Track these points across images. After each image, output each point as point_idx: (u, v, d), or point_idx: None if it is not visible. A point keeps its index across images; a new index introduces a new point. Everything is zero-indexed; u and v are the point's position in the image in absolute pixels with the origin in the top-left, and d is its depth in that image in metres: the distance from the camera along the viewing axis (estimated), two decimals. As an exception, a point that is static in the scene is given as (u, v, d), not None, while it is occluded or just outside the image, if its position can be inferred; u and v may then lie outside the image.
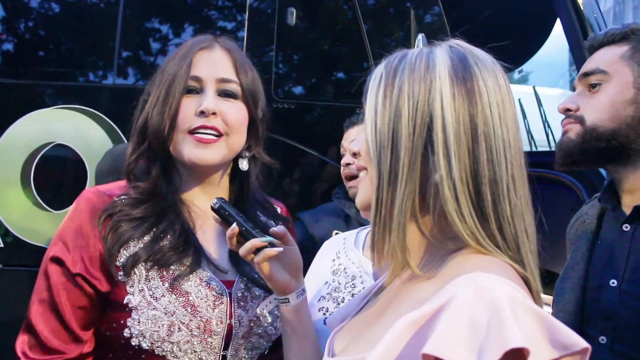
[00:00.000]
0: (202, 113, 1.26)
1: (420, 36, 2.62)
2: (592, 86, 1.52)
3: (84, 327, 1.24)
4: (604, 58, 1.53)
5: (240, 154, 1.37)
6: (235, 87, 1.32)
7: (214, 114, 1.27)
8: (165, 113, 1.27)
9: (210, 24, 3.60)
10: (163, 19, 3.50)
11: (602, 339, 1.44)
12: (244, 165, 1.37)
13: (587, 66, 1.55)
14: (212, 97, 1.28)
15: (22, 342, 1.23)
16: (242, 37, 3.33)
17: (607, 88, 1.49)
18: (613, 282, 1.46)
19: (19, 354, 1.22)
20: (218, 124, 1.27)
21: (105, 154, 2.66)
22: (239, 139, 1.33)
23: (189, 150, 1.26)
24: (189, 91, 1.29)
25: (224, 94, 1.31)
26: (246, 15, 3.38)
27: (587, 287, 1.51)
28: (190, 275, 1.25)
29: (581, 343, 0.71)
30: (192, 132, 1.27)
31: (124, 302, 1.21)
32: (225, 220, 1.20)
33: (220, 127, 1.27)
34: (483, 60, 0.90)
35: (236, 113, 1.31)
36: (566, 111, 1.56)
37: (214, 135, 1.27)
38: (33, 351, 1.22)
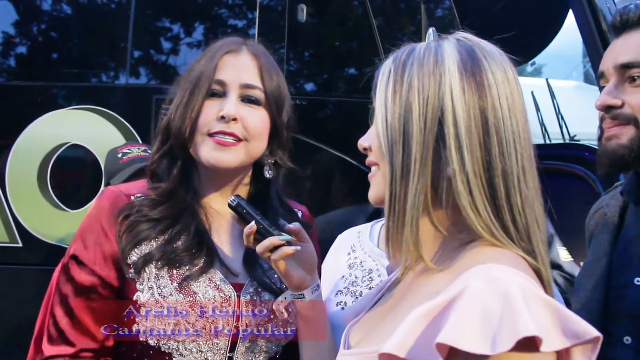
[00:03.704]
0: (222, 118, 1.26)
1: (430, 30, 2.61)
2: (633, 79, 1.38)
3: (98, 323, 1.26)
4: None
5: (263, 161, 1.36)
6: (258, 94, 1.31)
7: (234, 119, 1.27)
8: (187, 115, 1.27)
9: (221, 23, 3.61)
10: (174, 18, 3.52)
11: (627, 339, 1.39)
12: (267, 173, 1.36)
13: (624, 55, 1.39)
14: (234, 102, 1.28)
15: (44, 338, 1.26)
16: (253, 35, 3.35)
17: None
18: (638, 281, 1.40)
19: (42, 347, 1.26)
20: (237, 130, 1.27)
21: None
22: (259, 145, 1.32)
23: (207, 151, 1.27)
24: (213, 94, 1.29)
25: (247, 99, 1.30)
26: (257, 13, 3.39)
27: (611, 284, 1.45)
28: (200, 276, 1.26)
29: (592, 332, 0.72)
30: (211, 135, 1.27)
31: (134, 298, 1.23)
32: (242, 217, 1.20)
33: (240, 133, 1.27)
34: (491, 52, 0.90)
35: (257, 120, 1.30)
36: (608, 108, 1.41)
37: (233, 139, 1.27)
38: (53, 344, 1.25)
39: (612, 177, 3.13)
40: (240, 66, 1.31)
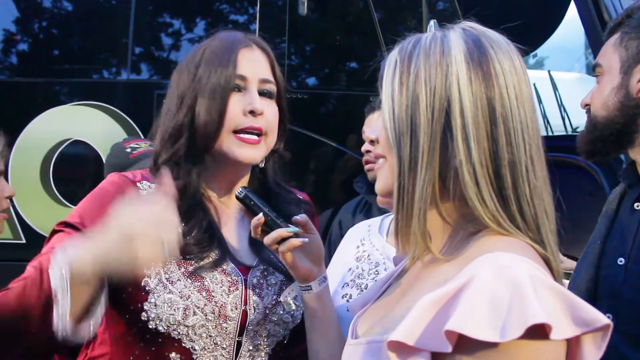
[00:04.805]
0: (251, 112, 1.28)
1: (432, 22, 2.61)
2: (597, 79, 1.58)
3: None
4: (603, 50, 1.57)
5: None
6: (273, 88, 1.35)
7: (261, 114, 1.30)
8: (214, 111, 1.27)
9: (222, 18, 3.61)
10: (175, 14, 3.52)
11: (608, 317, 1.44)
12: (262, 162, 1.38)
13: (595, 60, 1.61)
14: (258, 97, 1.31)
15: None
16: (254, 30, 3.34)
17: (602, 79, 1.54)
18: (621, 261, 1.48)
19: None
20: (263, 124, 1.30)
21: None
22: (274, 138, 1.36)
23: (236, 148, 1.28)
24: (234, 89, 1.30)
25: (264, 94, 1.33)
26: (257, 8, 3.39)
27: (601, 265, 1.54)
28: (213, 269, 1.27)
29: (603, 320, 0.72)
30: (237, 131, 1.29)
31: (142, 284, 1.23)
32: (250, 209, 1.21)
33: (264, 128, 1.31)
34: (497, 42, 0.90)
35: (274, 113, 1.35)
36: (586, 106, 1.61)
37: (256, 135, 1.30)
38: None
39: (614, 167, 3.14)
40: (256, 61, 1.34)
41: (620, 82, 1.50)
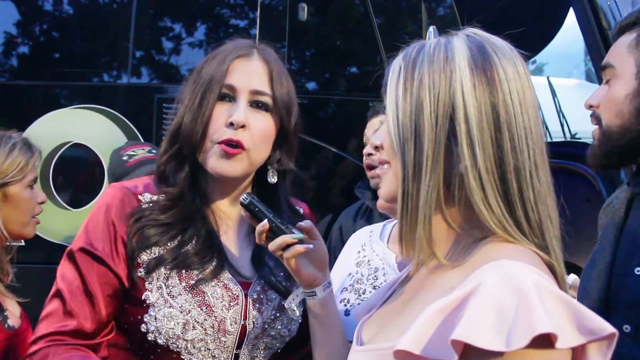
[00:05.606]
0: (231, 124, 1.25)
1: (431, 28, 2.62)
2: (607, 81, 1.49)
3: (110, 315, 1.26)
4: (614, 50, 1.49)
5: (267, 166, 1.36)
6: (267, 100, 1.30)
7: (242, 126, 1.26)
8: (199, 119, 1.26)
9: (222, 22, 3.62)
10: (175, 18, 3.53)
11: (626, 328, 1.42)
12: (272, 179, 1.36)
13: (604, 59, 1.51)
14: (243, 109, 1.27)
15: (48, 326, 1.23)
16: (254, 35, 3.35)
17: (615, 83, 1.46)
18: (638, 270, 1.43)
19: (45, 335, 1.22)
20: (244, 138, 1.26)
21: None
22: (262, 152, 1.32)
23: (214, 160, 1.26)
24: (222, 98, 1.28)
25: (256, 105, 1.30)
26: (257, 13, 3.40)
27: (614, 273, 1.48)
28: (212, 280, 1.26)
29: (608, 328, 0.72)
30: (219, 142, 1.27)
31: (142, 297, 1.23)
32: (254, 215, 1.20)
33: (246, 142, 1.26)
34: (501, 48, 0.90)
35: (264, 126, 1.30)
36: (590, 107, 1.52)
37: (238, 147, 1.27)
38: (73, 337, 1.22)
39: (613, 174, 3.15)
40: (251, 71, 1.30)
41: (636, 88, 1.41)
